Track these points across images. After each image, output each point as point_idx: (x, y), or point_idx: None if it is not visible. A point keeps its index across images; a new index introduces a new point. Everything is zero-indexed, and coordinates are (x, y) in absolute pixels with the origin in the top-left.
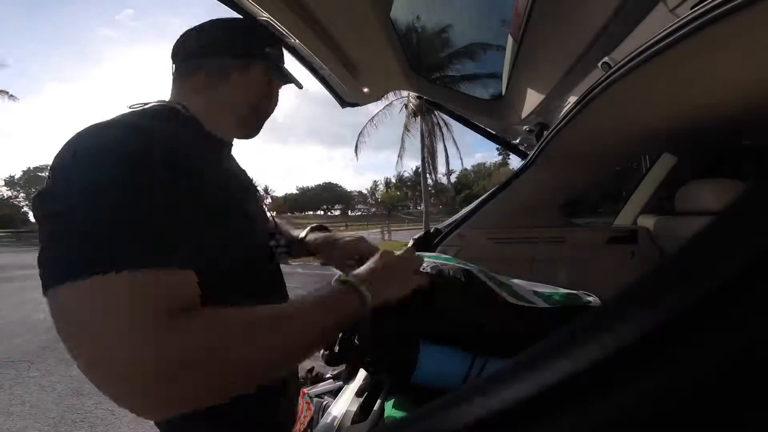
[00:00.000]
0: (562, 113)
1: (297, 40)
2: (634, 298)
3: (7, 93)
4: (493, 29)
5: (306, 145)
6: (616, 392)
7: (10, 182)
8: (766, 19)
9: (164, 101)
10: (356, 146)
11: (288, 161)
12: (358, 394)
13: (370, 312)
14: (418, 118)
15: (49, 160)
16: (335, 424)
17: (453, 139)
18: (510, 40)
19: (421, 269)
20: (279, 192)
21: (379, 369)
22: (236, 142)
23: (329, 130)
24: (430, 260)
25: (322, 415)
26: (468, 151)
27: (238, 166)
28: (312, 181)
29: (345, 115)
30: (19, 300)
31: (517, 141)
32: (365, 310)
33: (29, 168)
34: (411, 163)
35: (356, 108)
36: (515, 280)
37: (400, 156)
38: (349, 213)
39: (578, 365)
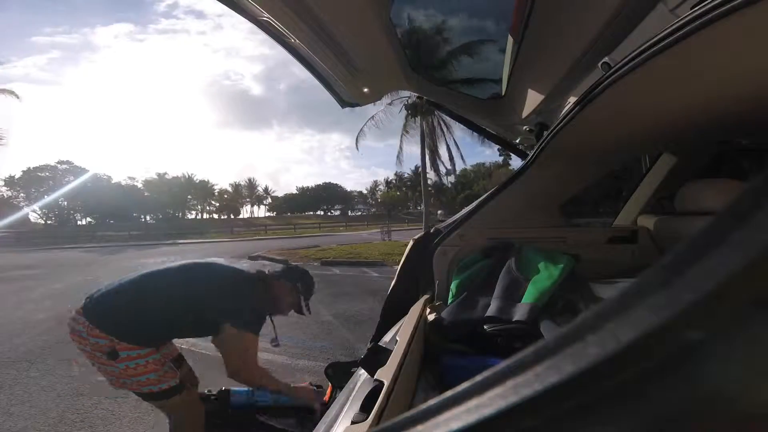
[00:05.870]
0: (562, 113)
1: (297, 40)
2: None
3: (13, 92)
4: (493, 29)
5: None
6: (617, 393)
7: (9, 182)
8: (766, 19)
9: (261, 275)
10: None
11: (286, 158)
12: (358, 394)
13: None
14: (418, 118)
15: (47, 160)
16: (335, 423)
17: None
18: (510, 40)
19: None
20: (279, 192)
21: None
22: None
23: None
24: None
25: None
26: (469, 150)
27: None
28: (311, 181)
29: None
30: (19, 300)
31: (517, 141)
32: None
33: (29, 168)
34: (415, 150)
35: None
36: None
37: (398, 157)
38: (349, 213)
39: (578, 365)
